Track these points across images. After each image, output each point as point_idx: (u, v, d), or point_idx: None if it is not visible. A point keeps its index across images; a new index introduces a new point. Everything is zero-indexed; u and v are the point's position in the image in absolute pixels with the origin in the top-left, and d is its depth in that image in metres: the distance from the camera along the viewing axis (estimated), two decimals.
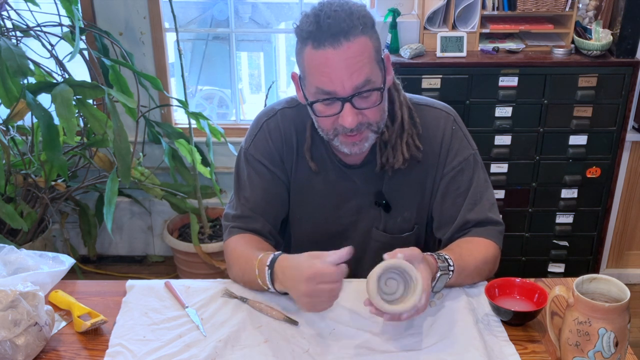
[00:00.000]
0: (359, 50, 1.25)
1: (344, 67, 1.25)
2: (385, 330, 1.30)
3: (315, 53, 1.26)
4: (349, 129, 1.31)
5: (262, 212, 1.50)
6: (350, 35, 1.24)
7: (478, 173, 1.49)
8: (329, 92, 1.28)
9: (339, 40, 1.24)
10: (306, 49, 1.28)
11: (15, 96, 2.21)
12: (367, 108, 1.31)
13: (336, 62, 1.25)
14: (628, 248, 3.03)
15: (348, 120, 1.29)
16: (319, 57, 1.26)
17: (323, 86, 1.28)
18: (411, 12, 2.70)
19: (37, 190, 2.60)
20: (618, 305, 1.12)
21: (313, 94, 1.31)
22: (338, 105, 1.29)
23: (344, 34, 1.24)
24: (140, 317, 1.34)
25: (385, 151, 1.44)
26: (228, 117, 3.73)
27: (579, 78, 2.46)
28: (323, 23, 1.24)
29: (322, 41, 1.24)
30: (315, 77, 1.28)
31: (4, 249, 1.43)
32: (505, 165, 2.60)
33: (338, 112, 1.30)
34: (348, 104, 1.28)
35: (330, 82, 1.27)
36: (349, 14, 1.25)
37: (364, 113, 1.31)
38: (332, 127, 1.34)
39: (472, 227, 1.47)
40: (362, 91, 1.28)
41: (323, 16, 1.24)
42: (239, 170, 1.52)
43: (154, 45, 2.88)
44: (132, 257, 3.28)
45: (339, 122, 1.31)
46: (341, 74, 1.25)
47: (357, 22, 1.25)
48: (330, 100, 1.29)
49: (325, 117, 1.33)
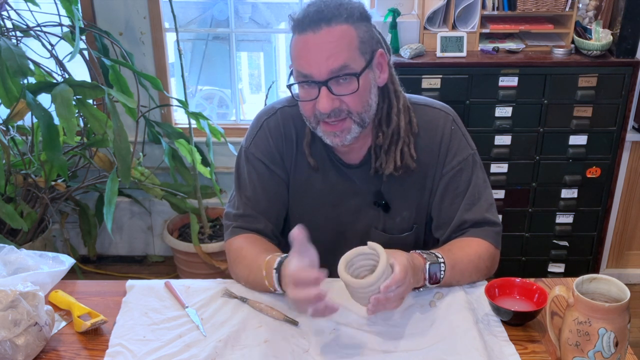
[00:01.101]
0: (338, 36, 1.29)
1: (321, 50, 1.28)
2: (385, 330, 1.30)
3: (298, 38, 1.31)
4: (325, 114, 1.33)
5: (263, 211, 1.50)
6: (332, 21, 1.28)
7: (477, 173, 1.49)
8: (305, 75, 1.31)
9: (319, 25, 1.28)
10: (294, 37, 1.33)
11: (15, 96, 2.21)
12: (344, 95, 1.32)
13: (314, 46, 1.29)
14: (628, 248, 3.03)
15: (323, 103, 1.31)
16: (300, 41, 1.31)
17: (301, 69, 1.31)
18: (411, 12, 2.70)
19: (37, 190, 2.60)
20: (618, 305, 1.12)
21: (295, 78, 1.35)
22: (315, 89, 1.32)
23: (326, 20, 1.28)
24: (140, 317, 1.34)
25: (380, 155, 1.45)
26: (228, 117, 3.73)
27: (579, 78, 2.46)
28: (309, 11, 1.30)
29: (305, 27, 1.29)
30: (296, 61, 1.33)
31: (4, 249, 1.43)
32: (505, 165, 2.60)
33: (316, 96, 1.32)
34: (324, 87, 1.30)
35: (307, 64, 1.30)
36: (338, 5, 1.30)
37: (343, 99, 1.33)
38: (312, 113, 1.36)
39: (469, 227, 1.48)
40: (337, 75, 1.30)
41: (312, 6, 1.30)
42: (240, 169, 1.53)
43: (154, 45, 2.88)
44: (132, 257, 3.28)
45: (316, 107, 1.33)
46: (318, 57, 1.29)
47: (343, 11, 1.29)
48: (308, 83, 1.32)
49: (305, 102, 1.35)
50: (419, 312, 1.34)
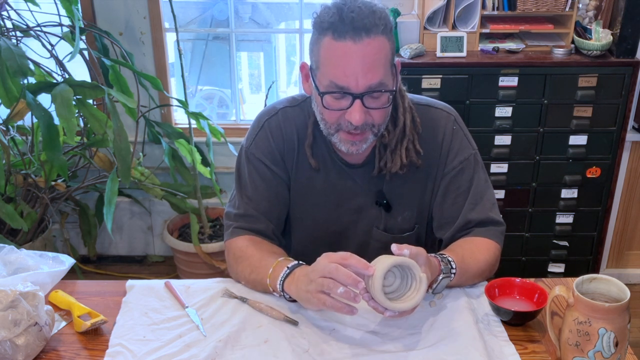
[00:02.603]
0: (377, 49, 1.26)
1: (361, 62, 1.25)
2: (385, 330, 1.30)
3: (335, 44, 1.26)
4: (353, 126, 1.31)
5: (264, 211, 1.50)
6: (372, 32, 1.25)
7: (478, 173, 1.49)
8: (342, 87, 1.28)
9: (360, 35, 1.24)
10: (325, 39, 1.28)
11: (15, 96, 2.21)
12: (375, 109, 1.31)
13: (355, 56, 1.25)
14: (628, 248, 3.03)
15: (356, 117, 1.29)
16: (339, 48, 1.26)
17: (337, 80, 1.28)
18: (411, 12, 2.70)
19: (37, 190, 2.60)
20: (618, 305, 1.12)
21: (325, 85, 1.31)
22: (348, 100, 1.30)
23: (366, 29, 1.24)
24: (140, 317, 1.34)
25: (385, 155, 1.44)
26: (228, 117, 3.73)
27: (579, 78, 2.46)
28: (346, 16, 1.25)
29: (344, 33, 1.25)
30: (330, 69, 1.28)
31: (4, 249, 1.43)
32: (505, 165, 2.60)
33: (347, 107, 1.30)
34: (358, 100, 1.29)
35: (345, 76, 1.27)
36: (372, 12, 1.26)
37: (371, 113, 1.32)
38: (337, 121, 1.34)
39: (473, 227, 1.47)
40: (374, 90, 1.28)
41: (346, 10, 1.25)
42: (240, 169, 1.52)
43: (154, 45, 2.88)
44: (132, 257, 3.28)
45: (345, 118, 1.32)
46: (357, 69, 1.26)
47: (379, 21, 1.26)
48: (341, 94, 1.30)
49: (332, 111, 1.33)
50: (419, 312, 1.34)
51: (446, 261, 1.34)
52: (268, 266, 1.36)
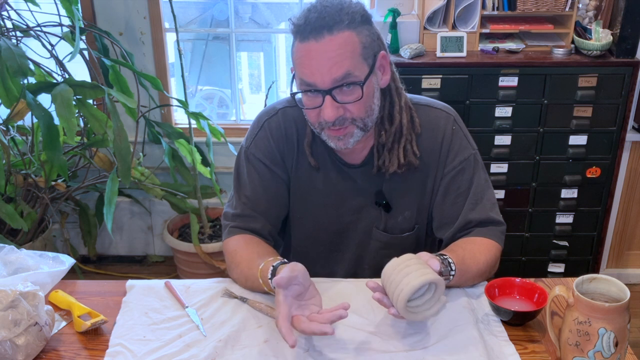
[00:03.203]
0: (341, 44, 1.28)
1: (324, 59, 1.27)
2: (385, 330, 1.30)
3: (300, 46, 1.30)
4: (330, 122, 1.33)
5: (263, 211, 1.50)
6: (334, 29, 1.27)
7: (478, 173, 1.49)
8: (309, 84, 1.31)
9: (321, 34, 1.27)
10: (295, 43, 1.32)
11: (15, 96, 2.21)
12: (348, 102, 1.32)
13: (317, 55, 1.28)
14: (628, 248, 3.03)
15: (328, 112, 1.31)
16: (303, 49, 1.29)
17: (305, 77, 1.31)
18: (411, 12, 2.70)
19: (37, 190, 2.60)
20: (618, 305, 1.12)
21: (298, 85, 1.35)
22: (320, 97, 1.31)
23: (328, 27, 1.27)
24: (140, 317, 1.34)
25: (383, 154, 1.45)
26: (228, 117, 3.73)
27: (579, 78, 2.46)
28: (310, 17, 1.28)
29: (307, 34, 1.28)
30: (299, 69, 1.32)
31: (4, 249, 1.43)
32: (505, 165, 2.60)
33: (320, 104, 1.32)
34: (328, 96, 1.30)
35: (311, 74, 1.29)
36: (339, 10, 1.28)
37: (346, 107, 1.33)
38: (317, 120, 1.36)
39: (474, 227, 1.47)
40: (341, 84, 1.29)
41: (313, 11, 1.28)
42: (239, 169, 1.52)
43: (154, 45, 2.88)
44: (132, 257, 3.28)
45: (321, 115, 1.33)
46: (321, 66, 1.28)
47: (345, 17, 1.28)
48: (311, 92, 1.32)
49: (309, 110, 1.35)
50: None
51: (446, 262, 1.34)
52: (256, 275, 1.35)
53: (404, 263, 1.21)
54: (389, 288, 1.21)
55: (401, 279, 1.18)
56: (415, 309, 1.23)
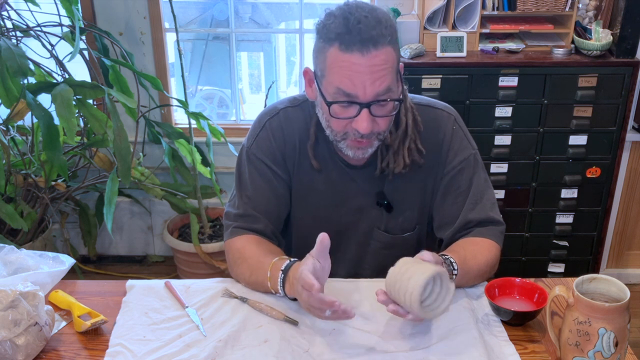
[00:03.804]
0: (384, 60, 1.27)
1: (369, 73, 1.26)
2: (385, 330, 1.30)
3: (342, 55, 1.26)
4: (360, 134, 1.32)
5: (264, 211, 1.50)
6: (379, 44, 1.25)
7: (478, 173, 1.49)
8: (349, 95, 1.29)
9: (367, 48, 1.25)
10: (331, 49, 1.28)
11: (15, 96, 2.21)
12: (382, 116, 1.32)
13: (362, 68, 1.26)
14: (628, 248, 3.03)
15: (363, 125, 1.30)
16: (346, 59, 1.26)
17: (345, 88, 1.28)
18: (411, 12, 2.70)
19: (37, 190, 2.60)
20: (618, 305, 1.12)
21: (332, 94, 1.31)
22: (355, 109, 1.30)
23: (373, 42, 1.25)
24: (140, 317, 1.34)
25: (387, 155, 1.45)
26: (228, 117, 3.73)
27: (579, 78, 2.46)
28: (353, 27, 1.24)
29: (351, 45, 1.25)
30: (337, 78, 1.29)
31: (4, 249, 1.43)
32: (505, 165, 2.60)
33: (354, 115, 1.31)
34: (366, 109, 1.29)
35: (352, 85, 1.27)
36: (378, 22, 1.26)
37: (377, 121, 1.32)
38: (344, 129, 1.34)
39: (474, 226, 1.48)
40: (381, 99, 1.29)
41: (353, 20, 1.25)
42: (241, 169, 1.52)
43: (154, 45, 2.88)
44: (132, 257, 3.28)
45: (352, 126, 1.32)
46: (365, 79, 1.26)
47: (386, 31, 1.26)
48: (348, 103, 1.30)
49: (339, 119, 1.33)
50: None
51: (448, 262, 1.34)
52: (265, 268, 1.36)
53: (403, 268, 1.21)
54: (398, 297, 1.21)
55: (407, 284, 1.18)
56: (431, 306, 1.23)
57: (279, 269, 1.33)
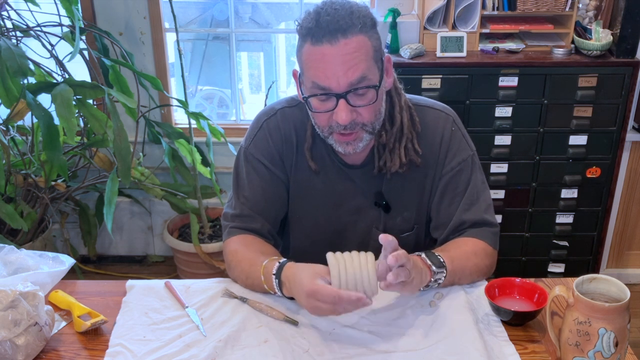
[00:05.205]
0: (355, 48, 1.27)
1: (340, 62, 1.27)
2: (385, 330, 1.30)
3: (313, 49, 1.28)
4: (342, 126, 1.32)
5: (261, 211, 1.50)
6: (348, 32, 1.26)
7: (476, 174, 1.49)
8: (324, 87, 1.30)
9: (336, 37, 1.26)
10: (305, 45, 1.30)
11: (15, 96, 2.21)
12: (361, 106, 1.32)
13: (332, 58, 1.27)
14: (628, 248, 3.03)
15: (342, 116, 1.30)
16: (316, 53, 1.28)
17: (319, 81, 1.29)
18: (411, 12, 2.70)
19: (37, 190, 2.60)
20: (618, 305, 1.12)
21: (309, 89, 1.33)
22: (333, 101, 1.31)
23: (342, 31, 1.26)
24: (140, 317, 1.34)
25: (384, 154, 1.45)
26: (228, 117, 3.73)
27: (579, 78, 2.46)
28: (322, 20, 1.27)
29: (320, 37, 1.27)
30: (311, 72, 1.30)
31: (4, 249, 1.43)
32: (505, 165, 2.60)
33: (333, 108, 1.31)
34: (342, 100, 1.30)
35: (325, 77, 1.28)
36: (349, 13, 1.27)
37: (359, 111, 1.32)
38: (328, 123, 1.35)
39: (467, 227, 1.48)
40: (356, 87, 1.29)
41: (323, 14, 1.27)
42: (239, 169, 1.53)
43: (154, 45, 2.88)
44: (132, 257, 3.28)
45: (333, 119, 1.33)
46: (337, 69, 1.27)
47: (357, 20, 1.27)
48: (325, 95, 1.31)
49: (320, 113, 1.34)
50: (419, 312, 1.34)
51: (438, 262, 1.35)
52: (258, 272, 1.36)
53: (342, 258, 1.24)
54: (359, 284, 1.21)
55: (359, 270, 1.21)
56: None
57: (270, 272, 1.33)
